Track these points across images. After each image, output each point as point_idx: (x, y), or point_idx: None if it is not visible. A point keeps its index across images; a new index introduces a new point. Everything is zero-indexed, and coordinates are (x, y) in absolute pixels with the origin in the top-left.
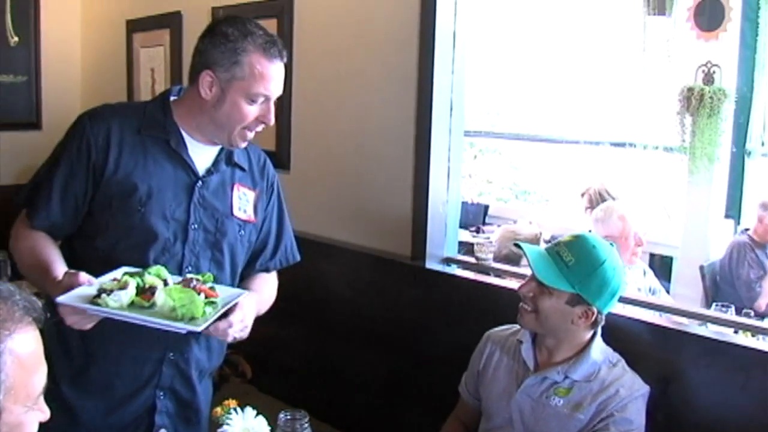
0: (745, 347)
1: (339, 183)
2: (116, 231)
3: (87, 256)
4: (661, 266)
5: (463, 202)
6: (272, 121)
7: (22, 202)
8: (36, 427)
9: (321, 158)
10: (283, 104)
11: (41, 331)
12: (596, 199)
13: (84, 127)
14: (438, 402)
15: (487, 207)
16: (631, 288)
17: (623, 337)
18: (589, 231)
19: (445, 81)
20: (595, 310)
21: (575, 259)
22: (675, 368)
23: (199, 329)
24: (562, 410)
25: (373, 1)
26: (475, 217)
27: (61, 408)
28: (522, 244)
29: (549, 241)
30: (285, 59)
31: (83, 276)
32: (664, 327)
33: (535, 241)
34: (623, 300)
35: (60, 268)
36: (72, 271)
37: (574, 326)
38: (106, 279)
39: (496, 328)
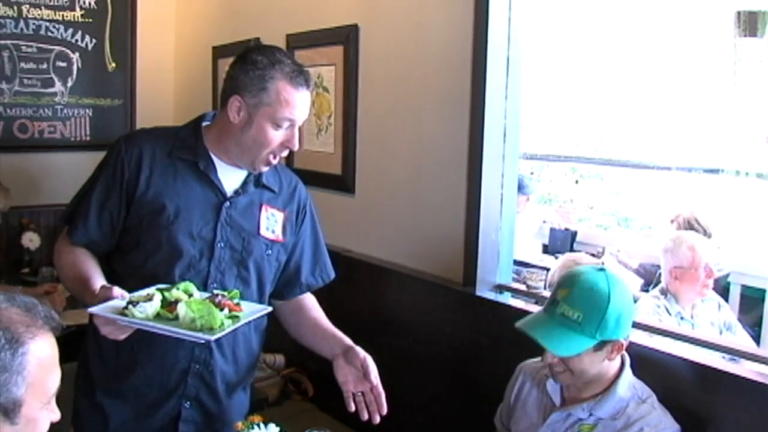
0: None
1: (398, 207)
2: (146, 247)
3: (122, 271)
4: (752, 301)
5: (551, 228)
6: (296, 146)
7: (63, 220)
8: (47, 426)
9: (382, 183)
10: (349, 129)
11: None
12: (685, 227)
13: (119, 150)
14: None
15: (575, 233)
16: (703, 321)
17: (660, 372)
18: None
19: (498, 107)
20: (622, 341)
21: (582, 312)
22: (716, 410)
23: (212, 338)
24: None
25: (430, 28)
26: (562, 243)
27: (96, 412)
28: (522, 326)
29: (638, 270)
30: (311, 88)
31: (117, 290)
32: (705, 366)
33: None
34: (673, 336)
35: (98, 281)
36: (108, 285)
37: (607, 362)
38: (137, 294)
39: (530, 360)
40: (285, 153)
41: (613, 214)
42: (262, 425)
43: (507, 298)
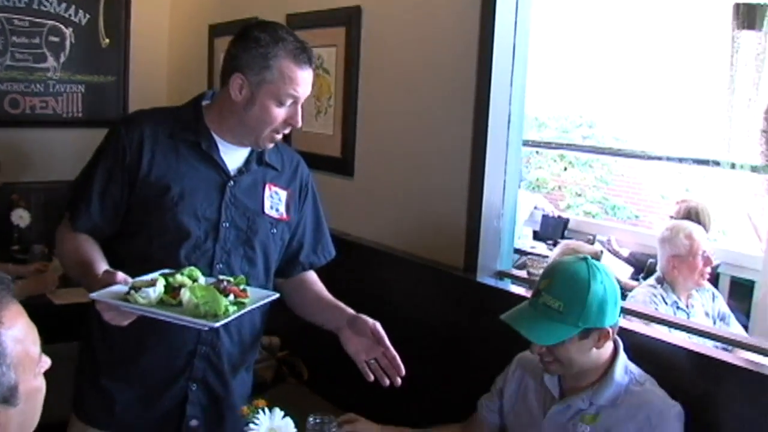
0: None
1: (398, 191)
2: (150, 230)
3: (125, 255)
4: (742, 291)
5: (543, 215)
6: (299, 123)
7: (65, 207)
8: (44, 383)
9: (382, 166)
10: (349, 111)
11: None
12: (685, 216)
13: (119, 133)
14: None
15: (567, 221)
16: (698, 311)
17: (661, 362)
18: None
19: (503, 93)
20: (608, 329)
21: (563, 301)
22: (715, 398)
23: (216, 325)
24: None
25: (435, 13)
26: (554, 230)
27: (103, 398)
28: (503, 317)
29: (628, 259)
30: (314, 65)
31: (120, 275)
32: (705, 355)
33: (595, 259)
34: (670, 324)
35: (101, 266)
36: (111, 270)
37: (596, 350)
38: (140, 279)
39: (528, 352)
40: (288, 130)
41: (600, 203)
42: (267, 410)
43: (508, 285)
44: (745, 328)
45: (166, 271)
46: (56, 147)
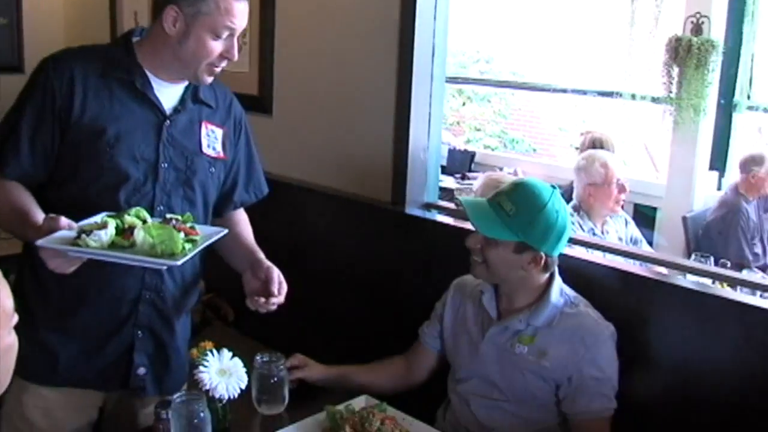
0: (717, 297)
1: (321, 128)
2: (86, 174)
3: (59, 202)
4: (645, 218)
5: (449, 149)
6: (236, 56)
7: None
8: (15, 336)
9: (303, 103)
10: (266, 48)
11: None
12: (590, 146)
13: (47, 74)
14: None
15: (473, 154)
16: (613, 237)
17: (593, 284)
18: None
19: (427, 26)
20: (543, 254)
21: (516, 207)
22: (646, 315)
23: (178, 263)
24: (528, 358)
25: None
26: (461, 163)
27: (43, 352)
28: (462, 198)
29: None
30: None
31: (64, 220)
32: (636, 274)
33: None
34: (601, 248)
35: (39, 213)
36: (52, 215)
37: (525, 272)
38: (87, 222)
39: (465, 276)
40: (224, 64)
41: (499, 136)
42: (215, 352)
43: (435, 216)
44: None
45: (110, 213)
46: None
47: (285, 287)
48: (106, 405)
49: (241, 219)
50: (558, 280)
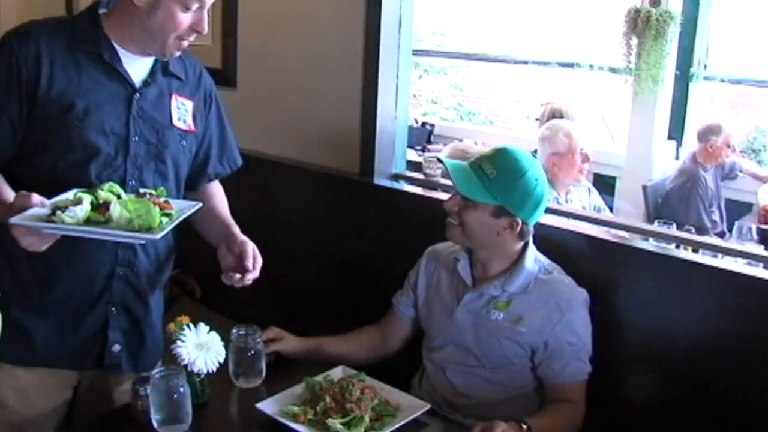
0: (686, 260)
1: (287, 101)
2: (55, 149)
3: (28, 179)
4: (605, 186)
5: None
6: (206, 29)
7: None
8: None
9: (268, 76)
10: (229, 19)
11: None
12: (550, 117)
13: (12, 48)
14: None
15: (433, 126)
16: (576, 206)
17: (565, 251)
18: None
19: None
20: (520, 221)
21: (497, 171)
22: (617, 280)
23: (157, 237)
24: (503, 324)
25: None
26: (419, 136)
27: (16, 332)
28: (444, 159)
29: None
30: None
31: (36, 197)
32: (607, 240)
33: None
34: (567, 215)
35: (9, 191)
36: (24, 192)
37: (501, 238)
38: (60, 198)
39: (438, 245)
40: (193, 37)
41: (456, 109)
42: (192, 326)
43: (403, 186)
44: None
45: (82, 189)
46: None
47: (260, 261)
48: (80, 384)
49: (216, 192)
50: (532, 248)
